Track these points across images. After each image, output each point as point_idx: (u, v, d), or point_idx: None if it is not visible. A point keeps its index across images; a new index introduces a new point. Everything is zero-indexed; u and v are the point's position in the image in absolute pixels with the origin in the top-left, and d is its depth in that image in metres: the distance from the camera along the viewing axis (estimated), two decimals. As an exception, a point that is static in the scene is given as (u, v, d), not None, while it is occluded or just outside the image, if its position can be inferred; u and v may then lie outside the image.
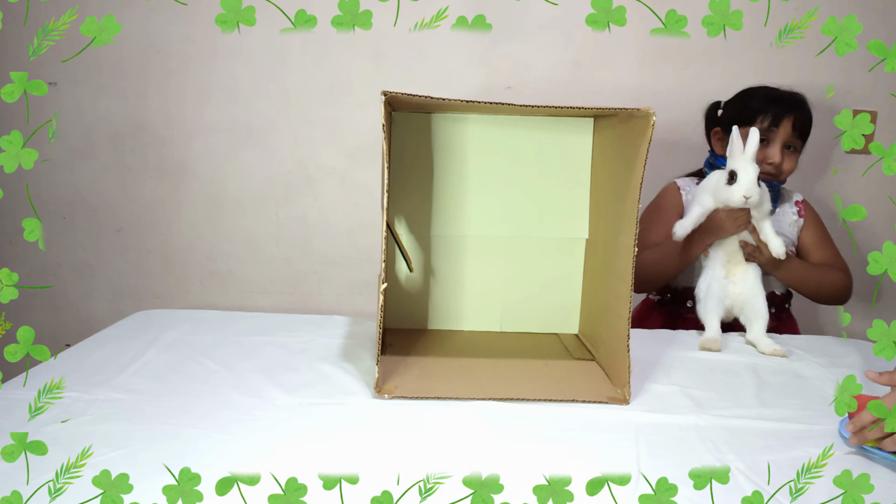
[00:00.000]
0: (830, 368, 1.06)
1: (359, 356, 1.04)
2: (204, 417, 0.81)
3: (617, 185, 1.00)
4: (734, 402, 0.92)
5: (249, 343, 1.07)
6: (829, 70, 1.66)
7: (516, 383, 0.95)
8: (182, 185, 1.72)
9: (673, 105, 1.64)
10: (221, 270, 1.75)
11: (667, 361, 1.06)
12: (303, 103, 1.68)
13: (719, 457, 0.76)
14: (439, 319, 1.19)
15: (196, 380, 0.92)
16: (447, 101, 0.94)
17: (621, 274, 0.93)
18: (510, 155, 1.14)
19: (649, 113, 0.86)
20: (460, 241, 1.16)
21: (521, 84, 1.67)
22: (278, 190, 1.73)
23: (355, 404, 0.87)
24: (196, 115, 1.68)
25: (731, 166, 1.13)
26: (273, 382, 0.92)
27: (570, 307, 1.18)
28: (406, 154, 1.14)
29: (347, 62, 1.66)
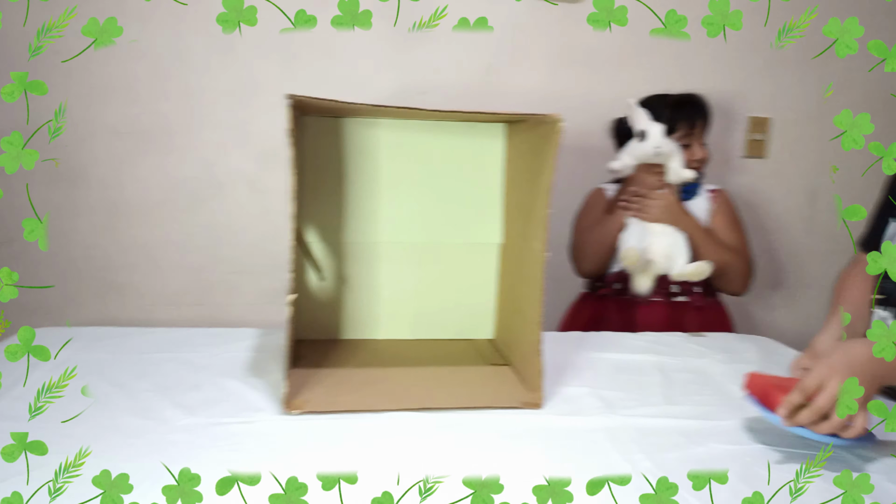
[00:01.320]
0: (731, 364, 1.10)
1: (268, 370, 1.00)
2: (91, 442, 0.75)
3: (528, 191, 1.00)
4: (642, 401, 0.94)
5: (147, 360, 1.01)
6: (737, 78, 1.75)
7: (430, 392, 0.93)
8: (76, 191, 1.61)
9: (585, 110, 1.68)
10: (121, 283, 1.65)
11: (578, 363, 1.08)
12: (208, 105, 1.61)
13: (628, 457, 0.78)
14: (353, 328, 1.16)
15: (84, 402, 0.85)
16: (357, 105, 0.92)
17: (532, 278, 0.94)
18: (423, 160, 1.13)
19: (557, 119, 0.87)
20: (373, 248, 1.14)
21: (435, 89, 1.66)
22: (183, 196, 1.64)
23: (262, 422, 0.83)
24: (90, 117, 1.58)
25: (639, 127, 1.33)
26: (171, 402, 0.87)
27: (484, 313, 1.18)
28: (317, 159, 1.10)
29: (254, 63, 1.61)
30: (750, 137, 1.80)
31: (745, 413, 0.89)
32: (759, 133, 1.80)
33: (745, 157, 1.82)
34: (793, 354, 1.21)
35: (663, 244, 1.34)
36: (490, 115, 1.01)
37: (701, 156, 1.44)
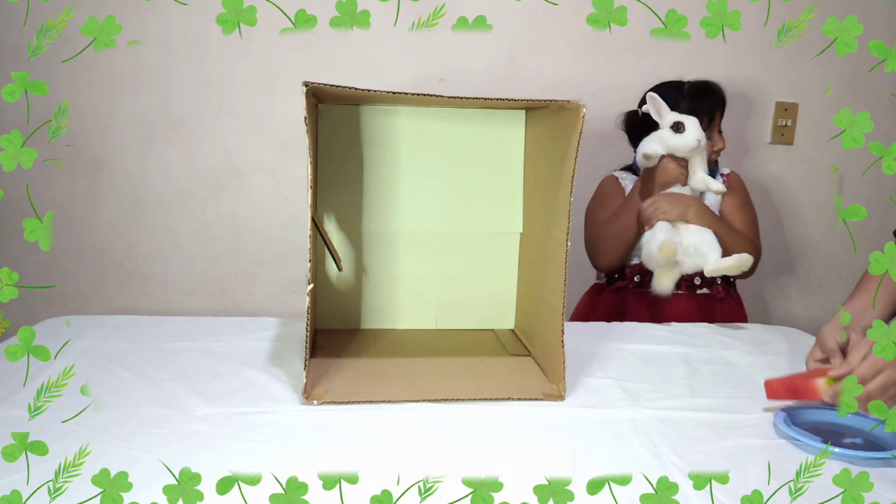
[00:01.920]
0: (759, 356, 1.08)
1: (288, 360, 0.99)
2: (113, 433, 0.75)
3: (549, 178, 0.99)
4: (667, 393, 0.92)
5: (169, 350, 1.01)
6: (753, 63, 1.70)
7: (451, 383, 0.92)
8: (96, 181, 1.62)
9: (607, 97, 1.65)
10: (143, 272, 1.66)
11: (602, 354, 1.06)
12: (227, 94, 1.61)
13: (654, 450, 0.76)
14: (373, 318, 1.16)
15: (106, 391, 0.86)
16: (374, 92, 0.91)
17: (555, 267, 0.92)
18: (442, 148, 1.11)
19: (579, 105, 0.84)
20: (393, 238, 1.13)
21: (455, 76, 1.64)
22: (203, 185, 1.65)
23: (282, 412, 0.83)
24: (111, 107, 1.58)
25: (674, 119, 1.29)
26: (193, 391, 0.87)
27: (505, 302, 1.17)
28: (335, 148, 1.09)
29: (274, 51, 1.60)
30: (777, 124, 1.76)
31: (773, 405, 0.87)
32: (787, 119, 1.76)
33: (772, 144, 1.77)
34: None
35: (692, 241, 1.29)
36: (510, 102, 0.99)
37: (721, 146, 1.41)
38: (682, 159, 1.32)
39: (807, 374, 0.89)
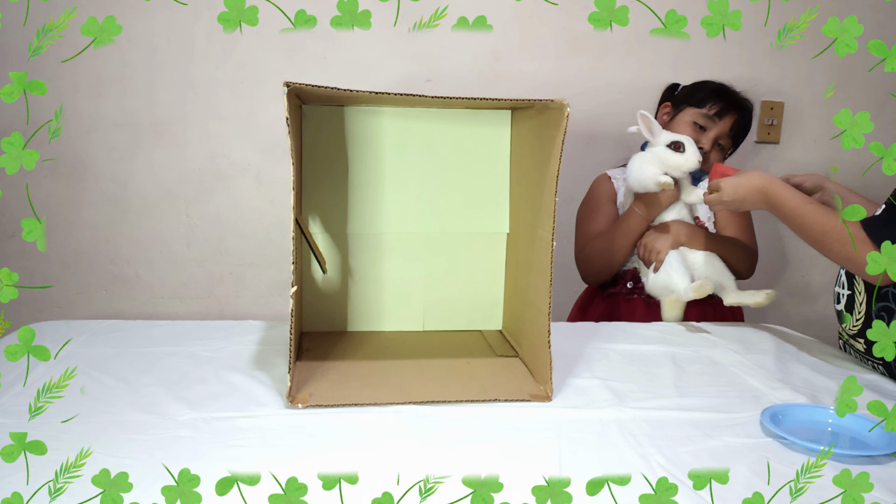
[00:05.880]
0: (745, 355, 1.08)
1: (273, 363, 0.98)
2: (93, 439, 0.74)
3: (535, 178, 0.98)
4: (654, 392, 0.92)
5: (152, 354, 1.00)
6: (739, 62, 1.71)
7: (438, 385, 0.92)
8: (80, 184, 1.60)
9: (594, 97, 1.65)
10: (128, 275, 1.65)
11: (589, 354, 1.06)
12: (212, 96, 1.60)
13: (640, 450, 0.76)
14: (359, 320, 1.15)
15: (86, 397, 0.85)
16: (357, 92, 0.90)
17: (540, 268, 0.92)
18: (428, 149, 1.11)
19: (563, 104, 0.84)
20: (378, 239, 1.12)
21: (441, 76, 1.64)
22: (188, 187, 1.63)
23: (266, 416, 0.82)
24: (94, 110, 1.57)
25: (674, 139, 1.27)
26: (175, 396, 0.86)
27: (493, 303, 1.16)
28: (320, 149, 1.09)
29: (258, 53, 1.59)
30: (763, 122, 1.76)
31: (760, 405, 0.87)
32: (773, 118, 1.76)
33: (758, 143, 1.78)
34: (806, 340, 1.19)
35: (708, 272, 1.28)
36: (495, 102, 0.99)
37: (707, 147, 1.38)
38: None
39: (731, 170, 1.15)
